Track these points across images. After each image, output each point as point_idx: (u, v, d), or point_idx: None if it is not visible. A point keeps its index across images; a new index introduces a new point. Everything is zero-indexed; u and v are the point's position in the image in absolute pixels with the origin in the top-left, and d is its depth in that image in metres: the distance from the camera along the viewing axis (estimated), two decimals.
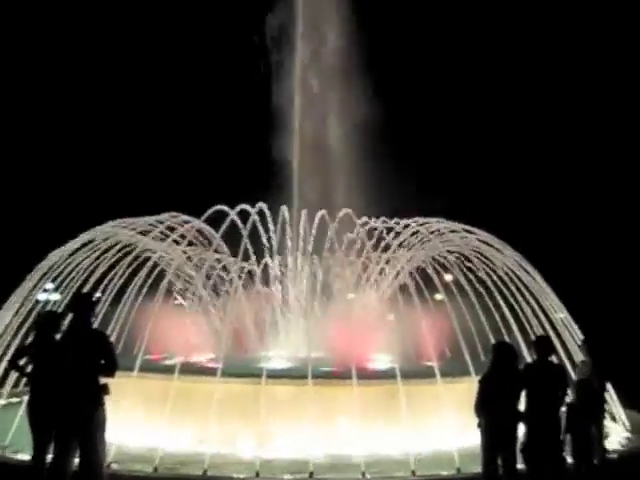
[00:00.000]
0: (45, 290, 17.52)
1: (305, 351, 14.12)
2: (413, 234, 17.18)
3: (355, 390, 12.58)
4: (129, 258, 15.86)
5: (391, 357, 14.42)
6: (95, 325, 10.19)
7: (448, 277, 16.43)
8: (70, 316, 9.64)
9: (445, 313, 13.92)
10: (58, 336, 9.88)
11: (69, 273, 16.42)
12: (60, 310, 12.94)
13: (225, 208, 15.98)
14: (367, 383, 13.23)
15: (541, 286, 16.90)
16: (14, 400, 15.24)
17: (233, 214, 15.81)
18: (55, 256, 16.59)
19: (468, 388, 11.30)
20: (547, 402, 10.11)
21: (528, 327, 16.12)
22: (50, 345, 9.87)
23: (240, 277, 16.73)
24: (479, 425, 10.12)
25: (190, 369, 13.73)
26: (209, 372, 13.41)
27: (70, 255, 16.44)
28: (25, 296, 16.46)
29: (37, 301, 16.98)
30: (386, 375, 13.60)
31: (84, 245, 16.54)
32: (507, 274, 16.48)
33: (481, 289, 16.11)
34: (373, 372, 14.48)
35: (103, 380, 9.33)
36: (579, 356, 14.10)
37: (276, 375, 13.34)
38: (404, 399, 12.49)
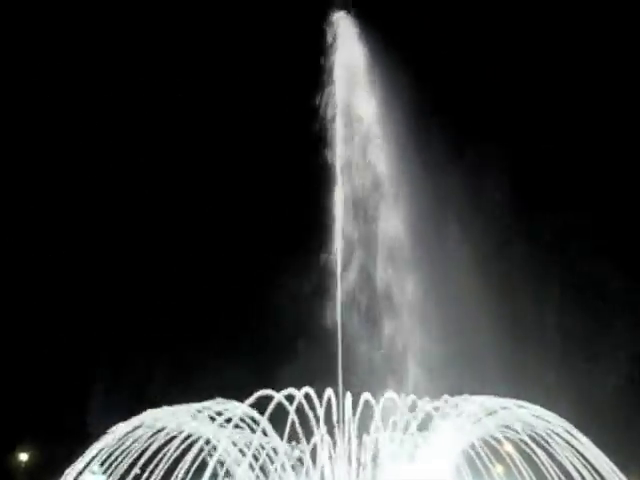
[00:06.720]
0: (93, 473, 17.58)
1: None
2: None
3: None
4: (176, 442, 15.93)
5: None
6: None
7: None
8: None
9: None
10: None
11: (117, 456, 16.54)
12: None
13: (270, 392, 16.17)
14: None
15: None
16: None
17: (280, 397, 15.95)
18: (107, 438, 16.78)
19: None
20: None
21: None
22: None
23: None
24: None
25: None
26: None
27: (120, 439, 16.61)
28: (74, 477, 16.54)
29: None
30: None
31: (136, 428, 16.73)
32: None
33: None
34: None
35: None
36: None
37: None
38: None
